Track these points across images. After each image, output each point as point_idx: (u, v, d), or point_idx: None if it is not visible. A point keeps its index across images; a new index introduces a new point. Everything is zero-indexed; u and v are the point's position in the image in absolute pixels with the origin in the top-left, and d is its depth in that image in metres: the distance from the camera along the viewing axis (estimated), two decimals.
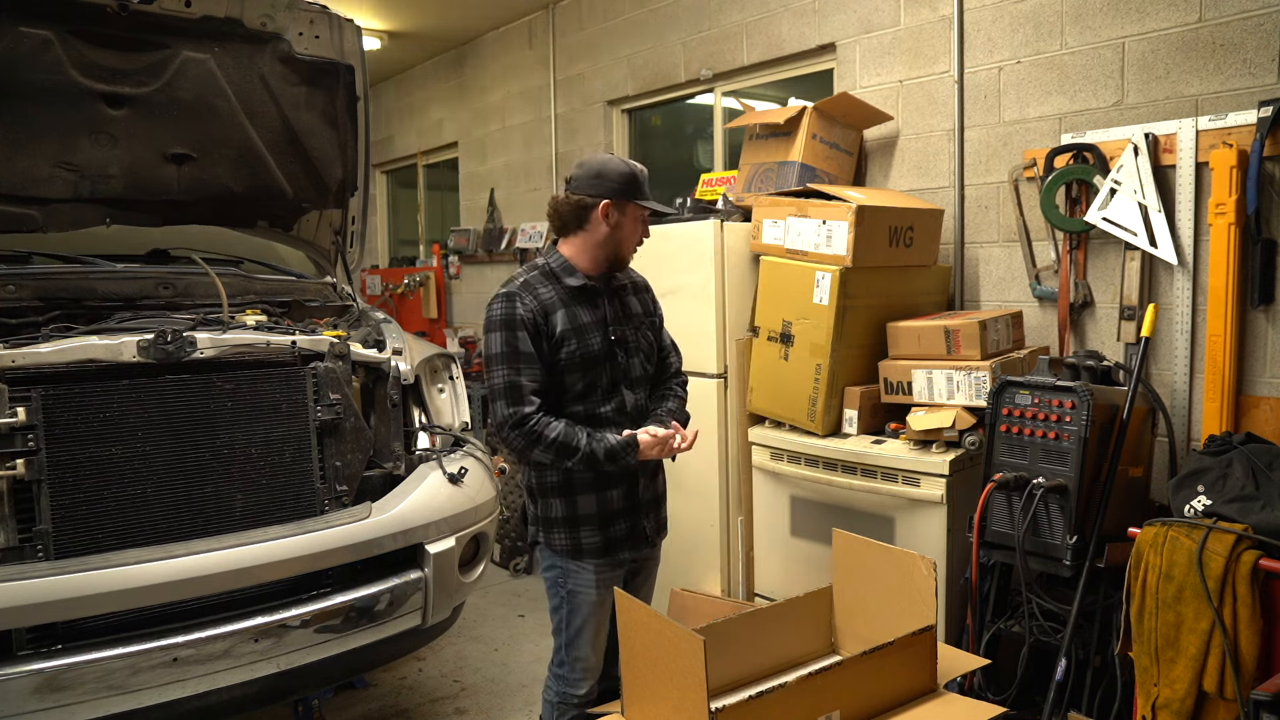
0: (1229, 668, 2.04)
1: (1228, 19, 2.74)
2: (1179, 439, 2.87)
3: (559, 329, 2.23)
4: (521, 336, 2.19)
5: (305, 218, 3.57)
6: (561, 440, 2.17)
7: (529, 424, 2.17)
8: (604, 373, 2.29)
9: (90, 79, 2.80)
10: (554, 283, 2.28)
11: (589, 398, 2.28)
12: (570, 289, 2.28)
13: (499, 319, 2.21)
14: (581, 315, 2.27)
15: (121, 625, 2.22)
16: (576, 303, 2.28)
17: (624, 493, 2.32)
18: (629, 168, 2.29)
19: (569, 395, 2.26)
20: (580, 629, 2.33)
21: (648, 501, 2.40)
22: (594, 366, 2.27)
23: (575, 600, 2.32)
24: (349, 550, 2.50)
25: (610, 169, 2.27)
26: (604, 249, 2.30)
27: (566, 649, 2.36)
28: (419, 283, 6.70)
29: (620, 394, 2.32)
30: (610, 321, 2.32)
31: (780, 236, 3.21)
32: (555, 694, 2.39)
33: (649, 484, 2.40)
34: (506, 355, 2.19)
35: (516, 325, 2.19)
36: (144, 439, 2.34)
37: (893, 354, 3.10)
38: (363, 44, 3.27)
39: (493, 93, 6.24)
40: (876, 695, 2.02)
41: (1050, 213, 3.11)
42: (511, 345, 2.19)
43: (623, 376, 2.33)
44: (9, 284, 2.64)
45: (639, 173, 2.30)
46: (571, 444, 2.18)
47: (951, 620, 2.83)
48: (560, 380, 2.25)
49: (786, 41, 4.11)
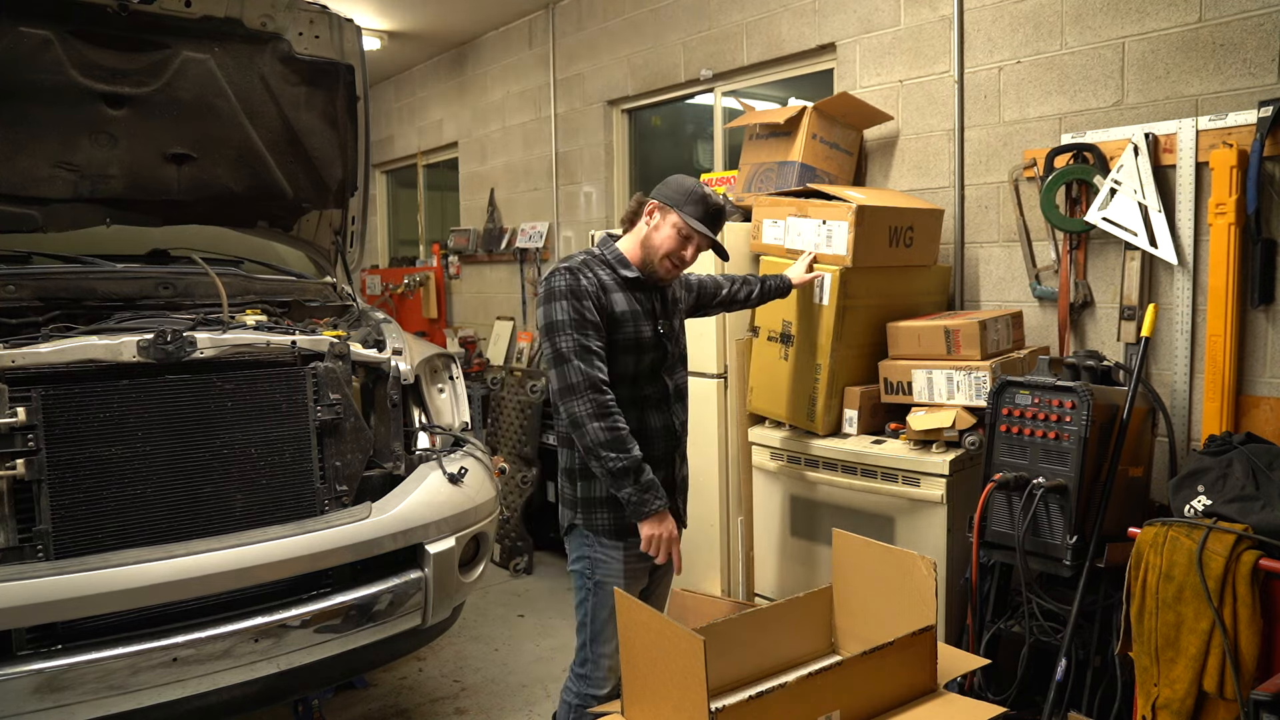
0: (1229, 668, 2.04)
1: (1228, 19, 2.74)
2: (1179, 439, 2.87)
3: (618, 309, 2.29)
4: (587, 305, 2.23)
5: (305, 218, 3.57)
6: (625, 435, 2.20)
7: (607, 396, 2.19)
8: (651, 359, 2.36)
9: (90, 79, 2.80)
10: (609, 270, 2.34)
11: (636, 382, 2.34)
12: (624, 278, 2.34)
13: (564, 289, 2.24)
14: (635, 300, 2.34)
15: (121, 625, 2.22)
16: (630, 289, 2.34)
17: (665, 476, 2.37)
18: (694, 186, 2.33)
19: (620, 380, 2.29)
20: (606, 622, 2.31)
21: (679, 483, 2.48)
22: (645, 352, 2.34)
23: (603, 591, 2.31)
24: (349, 550, 2.50)
25: (676, 181, 2.35)
26: (642, 249, 2.35)
27: (591, 644, 2.34)
28: (419, 283, 6.70)
29: (662, 380, 2.40)
30: (659, 315, 2.39)
31: (780, 236, 3.21)
32: (576, 695, 2.37)
33: (681, 465, 2.49)
34: (575, 322, 2.21)
35: (583, 295, 2.23)
36: (144, 439, 2.34)
37: (893, 354, 3.10)
38: (363, 44, 3.27)
39: (493, 93, 6.24)
40: (876, 695, 2.02)
41: (1050, 213, 3.11)
42: (579, 314, 2.22)
43: (664, 364, 2.40)
44: (9, 284, 2.64)
45: (705, 196, 2.32)
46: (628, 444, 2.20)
47: (951, 620, 2.83)
48: (614, 360, 2.28)
49: (786, 41, 4.11)
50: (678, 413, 2.46)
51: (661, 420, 2.39)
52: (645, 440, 2.31)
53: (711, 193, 2.36)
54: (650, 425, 2.36)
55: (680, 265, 2.35)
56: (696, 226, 2.29)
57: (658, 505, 2.22)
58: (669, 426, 2.41)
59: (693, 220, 2.29)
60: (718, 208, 2.35)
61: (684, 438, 2.50)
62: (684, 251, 2.33)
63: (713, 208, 2.33)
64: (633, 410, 2.31)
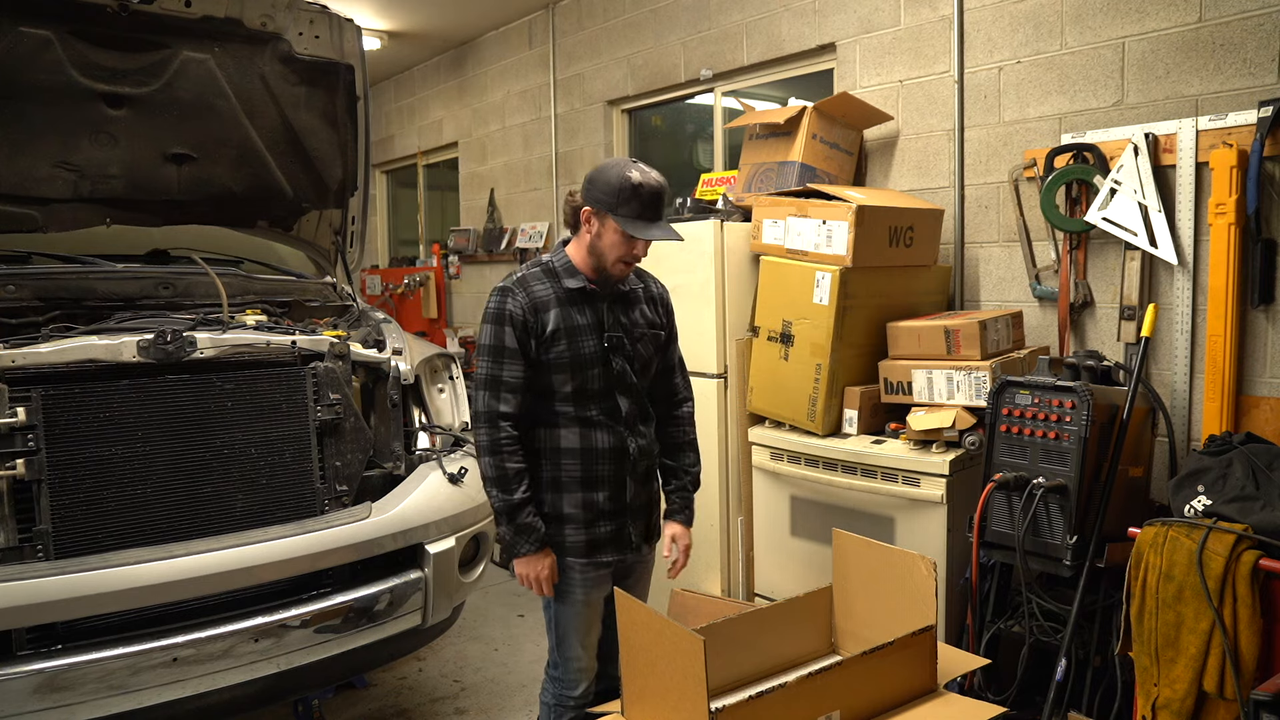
0: (1229, 668, 2.04)
1: (1228, 19, 2.74)
2: (1179, 439, 2.87)
3: (549, 327, 2.21)
4: (508, 332, 2.19)
5: (305, 218, 3.57)
6: (510, 474, 2.18)
7: (501, 434, 2.18)
8: (597, 377, 2.25)
9: (90, 79, 2.80)
10: (553, 281, 2.26)
11: (580, 400, 2.25)
12: (568, 290, 2.25)
13: (491, 312, 2.23)
14: (575, 316, 2.24)
15: (121, 625, 2.22)
16: (573, 304, 2.25)
17: (610, 495, 2.29)
18: (622, 180, 2.14)
19: (558, 396, 2.24)
20: (568, 628, 2.32)
21: (638, 507, 2.36)
22: (585, 369, 2.24)
23: (562, 600, 2.32)
24: (349, 550, 2.50)
25: (602, 177, 2.18)
26: (591, 255, 2.25)
27: (558, 649, 2.36)
28: (419, 283, 6.70)
29: (614, 399, 2.28)
30: (607, 327, 2.27)
31: (780, 236, 3.21)
32: (552, 695, 2.39)
33: (640, 489, 2.36)
34: (492, 349, 2.21)
35: (504, 320, 2.20)
36: (144, 439, 2.35)
37: (893, 354, 3.10)
38: (363, 44, 3.28)
39: (493, 93, 6.24)
40: (876, 695, 2.02)
41: (1050, 213, 3.11)
42: (498, 340, 2.20)
43: (617, 382, 2.28)
44: (9, 284, 2.64)
45: (635, 187, 2.14)
46: (511, 484, 2.18)
47: (951, 620, 2.83)
48: (548, 379, 2.23)
49: (786, 41, 4.11)
50: (638, 435, 2.32)
51: (611, 441, 2.27)
52: (589, 459, 2.26)
53: (642, 175, 2.15)
54: (595, 445, 2.26)
55: (635, 260, 2.27)
56: (635, 231, 2.16)
57: (528, 549, 2.22)
58: (620, 449, 2.28)
59: (629, 222, 2.15)
60: (653, 192, 2.16)
61: (644, 460, 2.35)
62: (634, 251, 2.22)
63: (648, 195, 2.15)
64: (575, 427, 2.25)
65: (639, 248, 2.23)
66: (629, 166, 2.18)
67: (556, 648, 2.36)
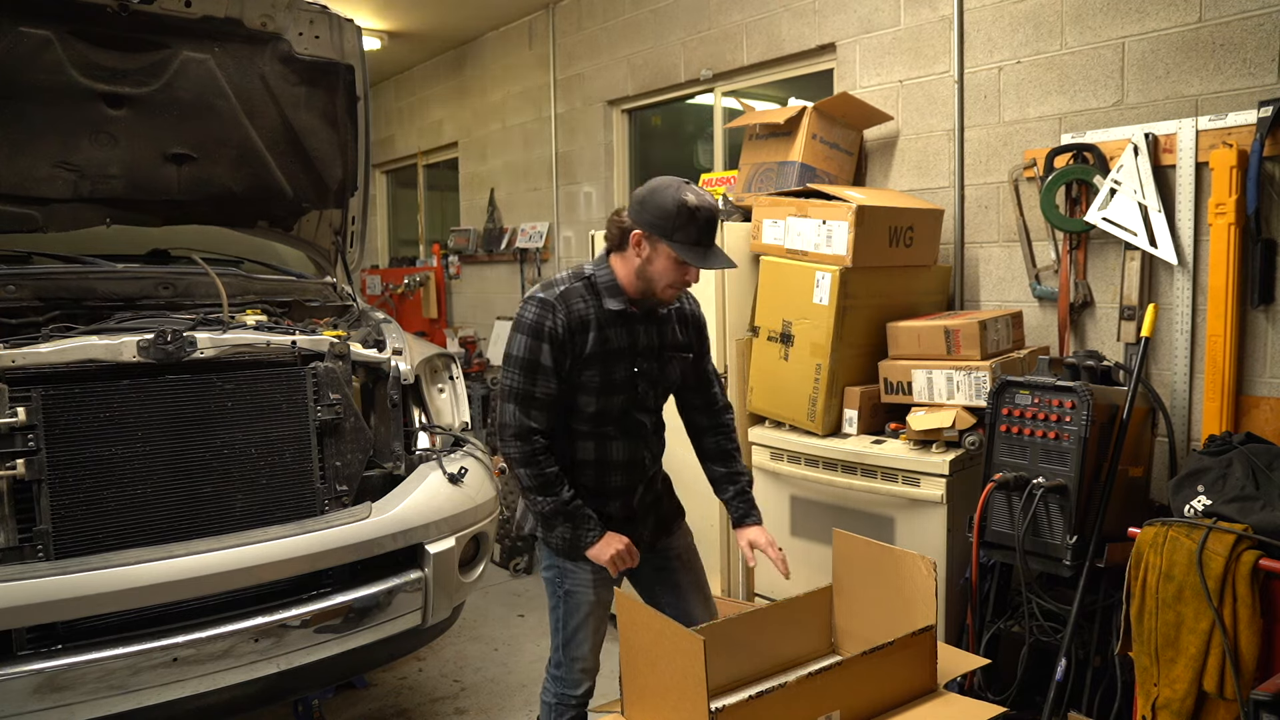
0: (1229, 668, 2.04)
1: (1228, 19, 2.74)
2: (1179, 439, 2.87)
3: (587, 350, 2.17)
4: (545, 349, 2.13)
5: (305, 218, 3.57)
6: (551, 478, 2.18)
7: (533, 446, 2.16)
8: (621, 401, 2.25)
9: (90, 79, 2.80)
10: (594, 299, 2.19)
11: (600, 419, 2.24)
12: (610, 312, 2.20)
13: (528, 324, 2.15)
14: (611, 340, 2.20)
15: (121, 625, 2.22)
16: (610, 325, 2.20)
17: (622, 504, 2.32)
18: (676, 204, 2.05)
19: (580, 415, 2.23)
20: (577, 629, 2.33)
21: (646, 506, 2.38)
22: (612, 394, 2.22)
23: (572, 600, 2.31)
24: (349, 550, 2.50)
25: (654, 199, 2.09)
26: (640, 279, 2.17)
27: (563, 649, 2.36)
28: (419, 283, 6.70)
29: (633, 417, 2.28)
30: (640, 352, 2.24)
31: (780, 236, 3.21)
32: (553, 695, 2.39)
33: (646, 490, 2.38)
34: (526, 363, 2.15)
35: (543, 336, 2.13)
36: (144, 439, 2.34)
37: (893, 354, 3.10)
38: (363, 44, 3.27)
39: (493, 93, 6.24)
40: (876, 695, 2.02)
41: (1050, 213, 3.11)
42: (534, 355, 2.14)
43: (636, 405, 2.28)
44: (9, 284, 2.64)
45: (692, 211, 2.06)
46: (554, 487, 2.19)
47: (951, 620, 2.83)
48: (574, 399, 2.21)
49: (786, 41, 4.11)
50: (650, 445, 2.34)
51: (626, 454, 2.28)
52: (603, 471, 2.27)
53: (698, 198, 2.08)
54: (611, 457, 2.27)
55: (686, 286, 2.23)
56: (692, 260, 2.09)
57: (591, 538, 2.22)
58: (635, 461, 2.30)
59: (686, 249, 2.08)
60: (708, 217, 2.09)
61: (654, 467, 2.38)
62: (686, 277, 2.16)
63: (703, 220, 2.08)
64: (591, 441, 2.25)
65: (691, 274, 2.17)
66: (683, 189, 2.09)
67: (563, 647, 2.36)
